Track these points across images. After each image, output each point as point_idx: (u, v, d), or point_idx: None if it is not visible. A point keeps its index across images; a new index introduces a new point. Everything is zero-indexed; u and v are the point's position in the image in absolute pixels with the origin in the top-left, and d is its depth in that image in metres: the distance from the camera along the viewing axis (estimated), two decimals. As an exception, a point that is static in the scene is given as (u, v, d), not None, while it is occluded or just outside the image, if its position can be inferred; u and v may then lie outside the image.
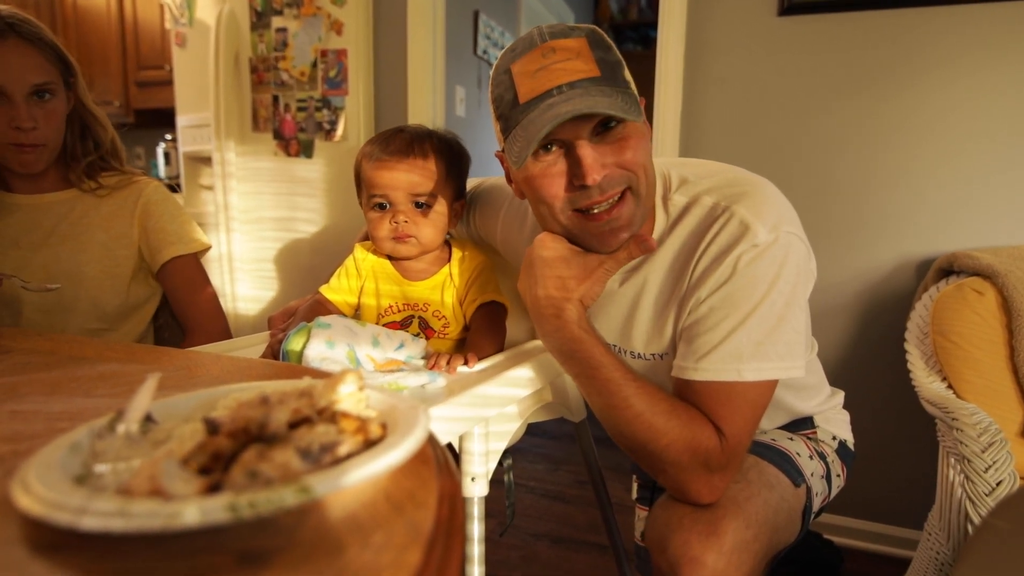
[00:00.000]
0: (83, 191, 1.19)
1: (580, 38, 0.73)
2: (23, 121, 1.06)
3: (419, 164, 0.91)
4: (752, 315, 0.75)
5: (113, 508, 0.29)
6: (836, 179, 1.64)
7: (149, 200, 1.21)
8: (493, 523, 1.76)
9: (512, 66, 0.73)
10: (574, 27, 0.74)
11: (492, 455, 0.82)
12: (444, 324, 0.96)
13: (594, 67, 0.71)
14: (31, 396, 0.55)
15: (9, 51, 1.04)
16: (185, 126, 2.47)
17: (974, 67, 1.51)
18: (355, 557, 0.29)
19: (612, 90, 0.71)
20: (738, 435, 0.76)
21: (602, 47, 0.74)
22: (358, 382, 0.42)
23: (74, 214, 1.18)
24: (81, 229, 1.17)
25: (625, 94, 0.72)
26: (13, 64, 1.04)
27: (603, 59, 0.72)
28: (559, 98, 0.69)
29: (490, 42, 2.98)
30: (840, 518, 1.73)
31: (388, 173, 0.91)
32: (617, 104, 0.70)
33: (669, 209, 0.83)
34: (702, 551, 0.71)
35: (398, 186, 0.91)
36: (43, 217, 1.16)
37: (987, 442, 1.11)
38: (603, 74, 0.71)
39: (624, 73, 0.74)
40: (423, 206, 0.93)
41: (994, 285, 1.26)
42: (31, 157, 1.10)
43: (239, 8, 2.18)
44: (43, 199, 1.17)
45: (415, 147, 0.92)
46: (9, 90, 1.04)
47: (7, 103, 1.05)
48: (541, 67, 0.71)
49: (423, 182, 0.91)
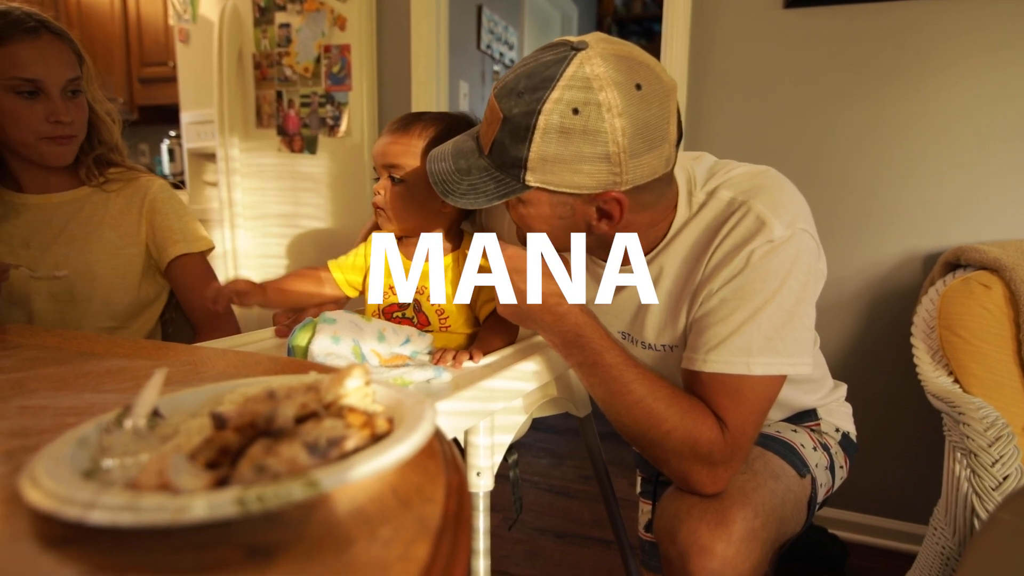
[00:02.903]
0: (91, 186, 1.19)
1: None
2: (63, 115, 1.08)
3: (401, 139, 0.91)
4: (763, 309, 0.75)
5: (122, 502, 0.29)
6: (842, 173, 1.64)
7: (156, 198, 1.22)
8: (498, 518, 1.76)
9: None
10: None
11: (497, 449, 0.82)
12: (442, 315, 0.95)
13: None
14: (39, 391, 0.55)
15: (45, 46, 1.06)
16: (189, 122, 2.48)
17: (984, 62, 1.50)
18: (363, 551, 0.29)
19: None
20: (742, 427, 0.76)
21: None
22: (365, 377, 0.42)
23: (83, 213, 1.18)
24: (91, 228, 1.18)
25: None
26: (51, 59, 1.06)
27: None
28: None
29: (493, 37, 2.97)
30: (845, 512, 1.73)
31: (376, 145, 0.93)
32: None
33: (692, 204, 0.83)
34: (711, 540, 0.72)
35: (377, 157, 0.92)
36: (53, 217, 1.16)
37: (994, 436, 1.10)
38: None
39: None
40: (398, 181, 0.91)
41: (1001, 279, 1.26)
42: (65, 150, 1.12)
43: (242, 4, 2.18)
44: (52, 199, 1.17)
45: (407, 122, 0.92)
46: (47, 84, 1.06)
47: (44, 98, 1.06)
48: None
49: (397, 155, 0.90)
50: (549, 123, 0.69)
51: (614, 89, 0.68)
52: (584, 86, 0.68)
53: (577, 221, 0.77)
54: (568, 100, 0.68)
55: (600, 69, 0.68)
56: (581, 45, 0.70)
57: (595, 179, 0.71)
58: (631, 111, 0.69)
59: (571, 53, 0.70)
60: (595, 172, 0.71)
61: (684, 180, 0.84)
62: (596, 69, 0.68)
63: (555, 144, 0.70)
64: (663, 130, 0.72)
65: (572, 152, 0.70)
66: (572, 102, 0.68)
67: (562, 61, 0.69)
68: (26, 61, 1.03)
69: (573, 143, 0.69)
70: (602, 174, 0.71)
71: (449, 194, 0.77)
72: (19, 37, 1.03)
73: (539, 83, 0.70)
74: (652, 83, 0.71)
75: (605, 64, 0.69)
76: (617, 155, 0.69)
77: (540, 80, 0.70)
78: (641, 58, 0.72)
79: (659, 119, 0.71)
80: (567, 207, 0.75)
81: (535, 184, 0.73)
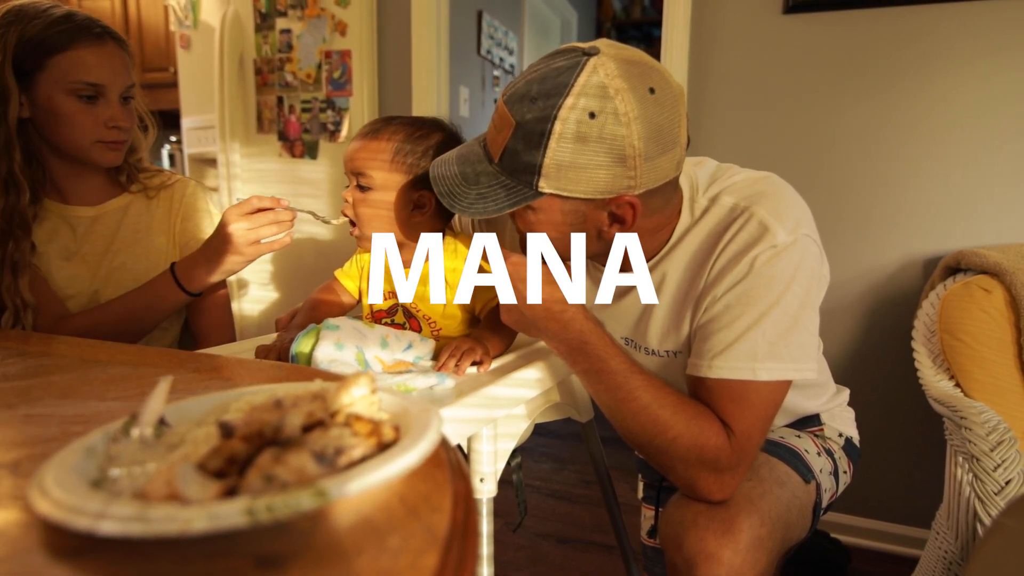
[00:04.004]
0: (132, 193, 1.20)
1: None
2: (122, 120, 1.09)
3: (369, 144, 0.88)
4: (768, 315, 0.75)
5: (132, 513, 0.29)
6: (843, 178, 1.64)
7: (188, 204, 1.23)
8: (500, 523, 1.76)
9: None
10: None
11: (501, 455, 0.82)
12: (430, 321, 0.93)
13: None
14: (45, 399, 0.55)
15: (111, 53, 1.07)
16: (190, 128, 2.48)
17: (984, 67, 1.50)
18: (372, 561, 0.29)
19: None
20: (748, 433, 0.76)
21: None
22: (371, 385, 0.42)
23: (128, 219, 1.19)
24: (140, 235, 1.19)
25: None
26: (116, 66, 1.07)
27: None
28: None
29: (494, 42, 2.98)
30: (847, 517, 1.73)
31: (346, 150, 0.90)
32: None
33: (694, 209, 0.83)
34: (718, 548, 0.72)
35: (346, 163, 0.89)
36: (102, 227, 1.17)
37: (996, 441, 1.10)
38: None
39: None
40: (364, 188, 0.88)
41: (1002, 283, 1.26)
42: (117, 154, 1.13)
43: (243, 10, 2.18)
44: (102, 209, 1.17)
45: (376, 127, 0.89)
46: (108, 90, 1.07)
47: (104, 103, 1.07)
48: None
49: (364, 161, 0.87)
50: (565, 128, 0.69)
51: (629, 93, 0.68)
52: (599, 90, 0.68)
53: (588, 227, 0.77)
54: (584, 105, 0.68)
55: (614, 74, 0.69)
56: (592, 51, 0.71)
57: (610, 183, 0.71)
58: (646, 115, 0.69)
59: (584, 59, 0.70)
60: (610, 176, 0.71)
61: (687, 186, 0.84)
62: (610, 74, 0.69)
63: (571, 149, 0.70)
64: (674, 133, 0.72)
65: (588, 157, 0.70)
66: (588, 107, 0.68)
67: (575, 67, 0.70)
68: (91, 66, 1.04)
69: (590, 147, 0.69)
70: (617, 178, 0.71)
71: (456, 204, 0.77)
72: (87, 42, 1.04)
73: (553, 88, 0.70)
74: (663, 87, 0.71)
75: (618, 69, 0.69)
76: (633, 159, 0.70)
77: (554, 85, 0.70)
78: (651, 63, 0.73)
79: (671, 122, 0.72)
80: (579, 213, 0.75)
81: (549, 191, 0.72)
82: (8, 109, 1.01)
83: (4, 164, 1.03)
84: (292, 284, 2.31)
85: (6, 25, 1.01)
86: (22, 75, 1.02)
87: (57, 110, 1.04)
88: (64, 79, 1.03)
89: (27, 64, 1.02)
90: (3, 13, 1.03)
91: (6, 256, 1.03)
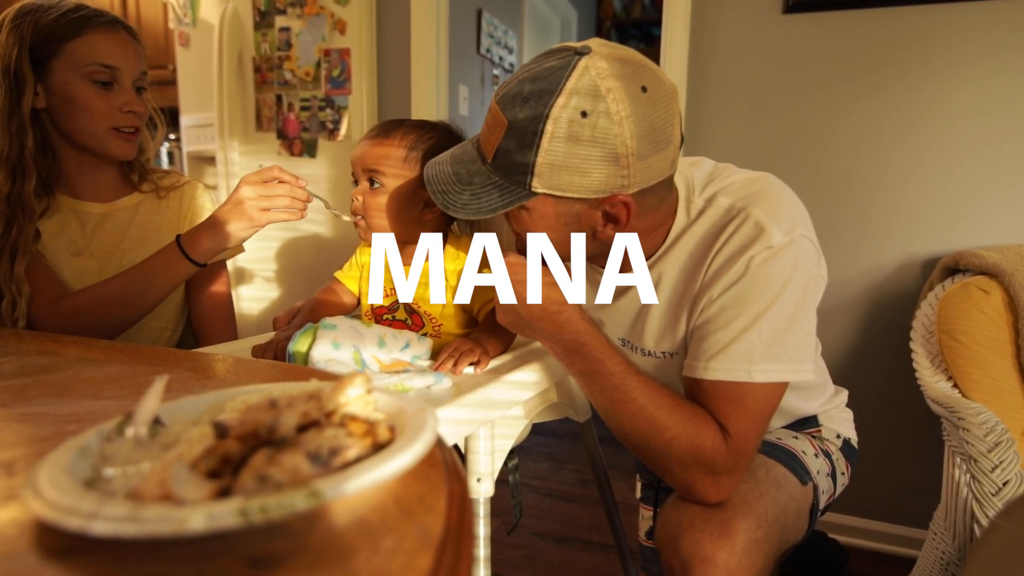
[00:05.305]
0: (143, 192, 1.20)
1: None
2: (136, 105, 1.09)
3: (382, 143, 0.90)
4: (764, 316, 0.75)
5: (125, 513, 0.29)
6: (841, 177, 1.64)
7: (193, 205, 1.24)
8: (497, 522, 1.76)
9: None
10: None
11: (498, 455, 0.82)
12: (432, 319, 0.94)
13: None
14: (40, 398, 0.55)
15: (124, 40, 1.08)
16: (189, 126, 2.48)
17: (983, 68, 1.50)
18: (366, 562, 0.29)
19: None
20: (745, 435, 0.76)
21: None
22: (366, 385, 0.42)
23: (139, 219, 1.19)
24: (150, 235, 1.18)
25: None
26: (129, 52, 1.08)
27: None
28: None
29: (493, 41, 2.97)
30: (845, 517, 1.73)
31: (355, 150, 0.92)
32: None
33: (690, 210, 0.83)
34: (714, 550, 0.72)
35: (356, 162, 0.91)
36: (112, 224, 1.17)
37: (993, 442, 1.11)
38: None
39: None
40: (376, 184, 0.90)
41: (1000, 284, 1.26)
42: (131, 145, 1.12)
43: (242, 8, 2.18)
44: (113, 206, 1.17)
45: (387, 128, 0.92)
46: (123, 75, 1.07)
47: (118, 89, 1.08)
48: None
49: (377, 159, 0.89)
50: (557, 128, 0.69)
51: (621, 92, 0.68)
52: (591, 89, 0.68)
53: (582, 227, 0.77)
54: (576, 104, 0.68)
55: (606, 73, 0.68)
56: (584, 50, 0.70)
57: (603, 182, 0.71)
58: (638, 113, 0.69)
59: (575, 58, 0.70)
60: (603, 175, 0.70)
61: (683, 186, 0.84)
62: (602, 73, 0.68)
63: (563, 149, 0.69)
64: (668, 132, 0.72)
65: (581, 156, 0.69)
66: (580, 106, 0.68)
67: (567, 66, 0.69)
68: (105, 50, 1.05)
69: (582, 147, 0.69)
70: (611, 177, 0.71)
71: (450, 205, 0.77)
72: (101, 28, 1.05)
73: (544, 88, 0.70)
74: (656, 85, 0.71)
75: (610, 68, 0.69)
76: (626, 157, 0.69)
77: (545, 85, 0.70)
78: (643, 61, 0.72)
79: (664, 121, 0.71)
80: (573, 213, 0.75)
81: (542, 190, 0.72)
82: (23, 97, 1.02)
83: (15, 150, 1.03)
84: (290, 282, 2.31)
85: (22, 16, 1.03)
86: (38, 64, 1.03)
87: (73, 96, 1.04)
88: (80, 63, 1.04)
89: (43, 51, 1.03)
90: (17, 8, 1.04)
91: (8, 242, 1.02)
